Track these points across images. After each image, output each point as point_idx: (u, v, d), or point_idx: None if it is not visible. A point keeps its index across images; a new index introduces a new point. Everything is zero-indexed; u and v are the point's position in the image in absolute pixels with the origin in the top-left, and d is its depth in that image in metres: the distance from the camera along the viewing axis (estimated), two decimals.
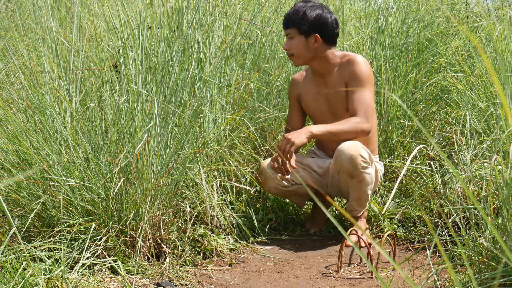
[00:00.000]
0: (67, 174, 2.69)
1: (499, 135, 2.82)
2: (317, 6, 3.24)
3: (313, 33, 3.22)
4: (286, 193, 3.35)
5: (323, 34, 3.23)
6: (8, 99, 2.87)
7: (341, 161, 3.12)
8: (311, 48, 3.24)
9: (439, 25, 4.11)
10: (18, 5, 4.11)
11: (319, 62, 3.29)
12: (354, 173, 3.12)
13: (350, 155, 3.09)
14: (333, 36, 3.26)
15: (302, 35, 3.22)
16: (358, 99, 3.17)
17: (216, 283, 2.75)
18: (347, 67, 3.23)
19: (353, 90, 3.18)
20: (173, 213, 2.95)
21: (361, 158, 3.10)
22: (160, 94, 2.87)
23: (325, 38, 3.24)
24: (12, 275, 2.22)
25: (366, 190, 3.18)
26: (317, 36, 3.22)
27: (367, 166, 3.13)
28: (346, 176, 3.15)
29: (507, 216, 2.23)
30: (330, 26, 3.23)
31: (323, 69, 3.30)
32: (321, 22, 3.21)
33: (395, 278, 2.78)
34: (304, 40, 3.23)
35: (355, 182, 3.15)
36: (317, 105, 3.36)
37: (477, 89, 3.51)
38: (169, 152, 2.87)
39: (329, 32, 3.24)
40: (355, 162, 3.09)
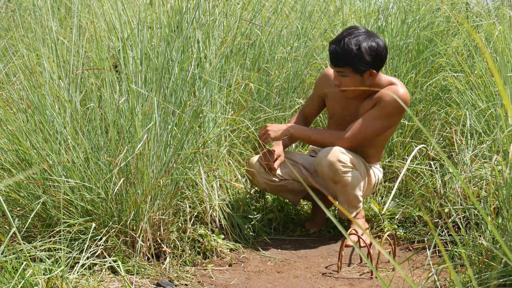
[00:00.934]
0: (67, 174, 2.69)
1: (499, 135, 2.82)
2: (365, 38, 3.04)
3: (370, 69, 3.07)
4: (277, 188, 3.33)
5: (378, 67, 3.10)
6: (8, 99, 2.87)
7: (321, 168, 3.13)
8: (366, 82, 3.11)
9: (439, 25, 4.11)
10: (18, 5, 4.11)
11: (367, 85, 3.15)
12: (336, 178, 3.13)
13: (329, 161, 3.09)
14: (384, 63, 3.13)
15: (357, 73, 3.07)
16: (364, 122, 3.14)
17: (216, 283, 2.75)
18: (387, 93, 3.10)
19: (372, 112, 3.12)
20: (173, 213, 2.95)
21: (340, 163, 3.09)
22: (160, 94, 2.87)
23: (379, 68, 3.12)
24: (12, 275, 2.22)
25: (353, 192, 3.17)
26: (373, 71, 3.07)
27: (348, 170, 3.12)
28: (329, 181, 3.16)
29: (507, 216, 2.23)
30: (384, 56, 3.08)
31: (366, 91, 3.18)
32: (376, 57, 3.05)
33: (395, 278, 2.78)
34: (360, 77, 3.08)
35: (340, 187, 3.15)
36: (343, 112, 3.28)
37: (477, 89, 3.51)
38: (169, 152, 2.87)
39: (383, 62, 3.11)
40: (335, 168, 3.09)
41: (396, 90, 3.12)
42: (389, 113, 3.12)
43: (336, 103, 3.31)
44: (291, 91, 3.77)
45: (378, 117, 3.13)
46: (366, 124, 3.14)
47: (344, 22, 4.24)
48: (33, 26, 3.07)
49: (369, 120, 3.14)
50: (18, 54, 2.98)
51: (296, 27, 4.00)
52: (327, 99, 3.36)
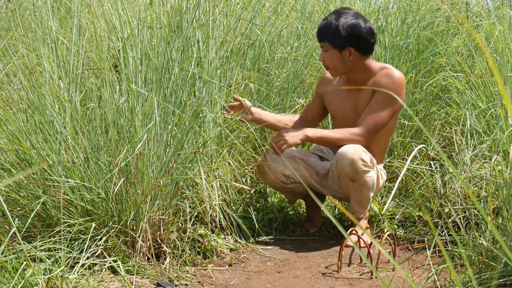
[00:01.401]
0: (67, 174, 2.69)
1: (499, 135, 2.82)
2: (350, 17, 3.12)
3: (347, 46, 3.13)
4: (283, 189, 3.35)
5: (358, 46, 3.14)
6: (8, 99, 2.87)
7: (342, 165, 3.11)
8: (347, 61, 3.16)
9: (439, 25, 4.11)
10: (18, 5, 4.11)
11: (356, 73, 3.21)
12: (356, 177, 3.11)
13: (351, 159, 3.07)
14: (368, 47, 3.16)
15: (336, 49, 3.14)
16: (371, 113, 3.15)
17: (216, 283, 2.75)
18: (381, 78, 3.16)
19: (374, 102, 3.15)
20: (173, 213, 2.95)
21: (362, 162, 3.08)
22: (160, 94, 2.87)
23: (360, 49, 3.15)
24: (12, 275, 2.22)
25: (367, 193, 3.17)
26: (351, 50, 3.13)
27: (369, 170, 3.12)
28: (347, 179, 3.14)
29: (507, 216, 2.23)
30: (364, 37, 3.12)
31: (359, 79, 3.22)
32: (355, 35, 3.11)
33: (395, 278, 2.78)
34: (339, 54, 3.14)
35: (356, 186, 3.14)
36: (343, 109, 3.30)
37: (477, 89, 3.51)
38: (169, 152, 2.87)
39: (363, 43, 3.14)
40: (356, 166, 3.08)
41: (390, 73, 3.16)
42: (391, 96, 3.13)
43: (335, 102, 3.33)
44: (291, 91, 3.77)
45: (382, 103, 3.15)
46: (375, 114, 3.15)
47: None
48: (33, 26, 3.07)
49: (376, 109, 3.15)
50: (18, 54, 2.98)
51: (296, 27, 4.00)
52: (326, 100, 3.37)
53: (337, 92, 3.31)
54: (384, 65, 3.22)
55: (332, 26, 3.12)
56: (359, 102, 3.24)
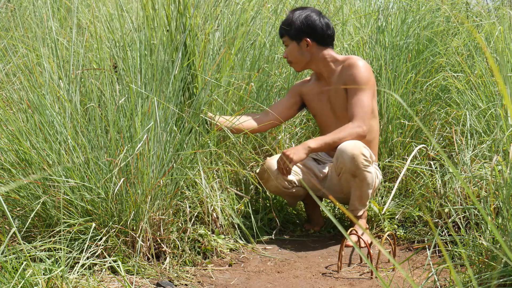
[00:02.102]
0: (67, 174, 2.69)
1: (499, 135, 2.82)
2: (305, 11, 3.31)
3: (304, 37, 3.30)
4: (285, 194, 3.37)
5: (314, 37, 3.30)
6: (8, 99, 2.87)
7: (343, 161, 3.12)
8: (306, 52, 3.32)
9: (439, 25, 4.11)
10: (18, 5, 4.11)
11: (318, 64, 3.36)
12: (357, 172, 3.13)
13: (352, 154, 3.10)
14: (324, 38, 3.32)
15: (294, 41, 3.31)
16: (355, 103, 3.22)
17: (216, 283, 2.75)
18: (347, 70, 3.27)
19: (352, 94, 3.22)
20: (173, 213, 2.95)
21: (363, 157, 3.11)
22: (160, 94, 2.87)
23: (317, 40, 3.31)
24: (12, 275, 2.22)
25: (367, 189, 3.19)
26: (307, 40, 3.30)
27: (369, 165, 3.15)
28: (348, 175, 3.15)
29: (507, 216, 2.23)
30: (319, 28, 3.29)
31: (323, 71, 3.37)
32: (309, 25, 3.29)
33: (395, 278, 2.78)
34: (297, 45, 3.31)
35: (357, 181, 3.16)
36: (320, 104, 3.41)
37: (477, 89, 3.51)
38: (169, 152, 2.87)
39: (319, 34, 3.30)
40: (357, 161, 3.10)
41: (353, 62, 3.26)
42: (364, 81, 3.22)
43: (312, 100, 3.44)
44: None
45: (358, 89, 3.24)
46: (358, 102, 3.21)
47: (344, 22, 4.24)
48: (33, 26, 3.07)
49: (356, 98, 3.22)
50: (18, 54, 2.98)
51: None
52: (306, 100, 3.48)
53: (311, 89, 3.44)
54: (347, 56, 3.34)
55: (288, 20, 3.32)
56: (331, 96, 3.36)
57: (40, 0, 3.24)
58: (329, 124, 3.38)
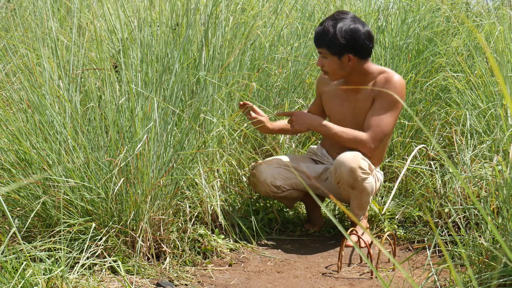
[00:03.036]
0: (67, 174, 2.69)
1: (499, 135, 2.82)
2: (347, 22, 3.08)
3: (346, 53, 3.09)
4: (276, 197, 3.36)
5: (356, 52, 3.11)
6: (8, 99, 2.87)
7: (341, 173, 3.10)
8: (346, 67, 3.13)
9: (439, 25, 4.11)
10: (18, 5, 4.11)
11: (355, 76, 3.18)
12: (355, 184, 3.11)
13: (350, 167, 3.06)
14: (367, 51, 3.13)
15: (335, 56, 3.10)
16: (376, 119, 3.13)
17: (216, 283, 2.75)
18: (382, 83, 3.13)
19: (378, 107, 3.13)
20: (173, 213, 2.95)
21: (361, 170, 3.08)
22: (160, 94, 2.87)
23: (359, 54, 3.12)
24: (12, 275, 2.22)
25: (367, 197, 3.18)
26: (350, 56, 3.10)
27: (367, 177, 3.12)
28: (346, 186, 3.13)
29: (507, 216, 2.23)
30: (362, 42, 3.09)
31: (357, 82, 3.20)
32: (353, 41, 3.07)
33: (395, 278, 2.78)
34: (338, 60, 3.11)
35: (356, 192, 3.14)
36: (341, 109, 3.28)
37: (477, 89, 3.51)
38: (169, 152, 2.87)
39: (362, 49, 3.11)
40: (356, 175, 3.07)
41: (390, 77, 3.14)
42: (395, 100, 3.11)
43: (332, 102, 3.32)
44: (291, 91, 3.77)
45: (387, 107, 3.13)
46: (381, 121, 3.12)
47: None
48: (33, 26, 3.07)
49: (381, 116, 3.13)
50: (18, 54, 2.98)
51: (296, 27, 4.00)
52: (324, 100, 3.37)
53: (335, 92, 3.30)
54: (383, 68, 3.19)
55: (329, 33, 3.07)
56: (357, 104, 3.22)
57: (40, 0, 3.24)
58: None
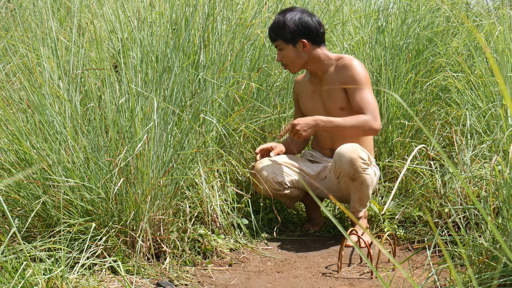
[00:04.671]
0: (67, 174, 2.69)
1: (499, 135, 2.82)
2: (295, 12, 3.26)
3: (299, 39, 3.25)
4: (278, 196, 3.37)
5: (309, 37, 3.26)
6: (8, 99, 2.87)
7: (341, 165, 3.13)
8: (302, 54, 3.28)
9: (439, 25, 4.11)
10: (18, 5, 4.11)
11: (313, 63, 3.33)
12: (355, 176, 3.13)
13: (350, 157, 3.10)
14: (319, 36, 3.29)
15: (290, 44, 3.26)
16: (361, 99, 3.21)
17: (216, 283, 2.75)
18: (343, 70, 3.26)
19: (355, 94, 3.22)
20: (173, 213, 2.95)
21: (361, 160, 3.12)
22: (160, 94, 2.87)
23: (312, 40, 3.27)
24: (12, 275, 2.22)
25: (367, 190, 3.19)
26: (304, 41, 3.25)
27: (367, 167, 3.15)
28: (347, 179, 3.16)
29: (507, 216, 2.23)
30: (313, 27, 3.25)
31: (317, 69, 3.35)
32: (303, 26, 3.24)
33: (395, 278, 2.78)
34: (293, 48, 3.27)
35: (357, 184, 3.16)
36: (313, 103, 3.40)
37: (477, 89, 3.51)
38: (169, 152, 2.87)
39: (314, 33, 3.26)
40: (356, 165, 3.11)
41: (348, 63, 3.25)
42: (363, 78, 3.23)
43: (305, 99, 3.43)
44: (292, 91, 3.77)
45: (360, 88, 3.23)
46: (364, 99, 3.21)
47: (344, 22, 4.24)
48: (33, 26, 3.07)
49: (361, 96, 3.21)
50: (18, 54, 2.98)
51: None
52: (300, 101, 3.48)
53: (305, 88, 3.42)
54: (339, 55, 3.33)
55: (280, 23, 3.24)
56: (324, 93, 3.34)
57: (40, 0, 3.24)
58: None
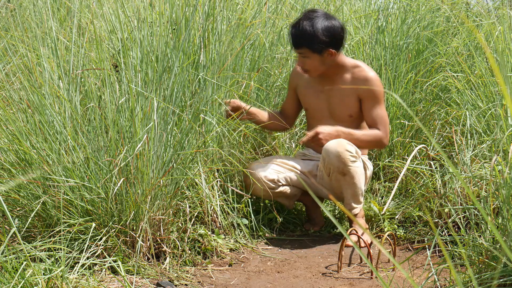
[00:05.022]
0: (67, 174, 2.69)
1: (499, 135, 2.82)
2: (321, 19, 3.18)
3: (327, 48, 3.20)
4: (274, 195, 3.36)
5: (336, 46, 3.23)
6: (8, 99, 2.87)
7: (330, 160, 3.16)
8: (327, 61, 3.25)
9: (439, 25, 4.11)
10: (18, 5, 4.11)
11: (332, 68, 3.31)
12: (345, 170, 3.16)
13: (337, 152, 3.14)
14: (342, 44, 3.28)
15: (316, 53, 3.20)
16: (377, 114, 3.27)
17: (216, 283, 2.75)
18: (362, 81, 3.26)
19: (371, 106, 3.26)
20: (173, 213, 2.95)
21: (349, 153, 3.15)
22: (160, 94, 2.87)
23: (338, 48, 3.25)
24: (12, 275, 2.22)
25: (359, 184, 3.22)
26: (331, 51, 3.21)
27: (355, 160, 3.18)
28: (337, 174, 3.19)
29: (507, 216, 2.23)
30: (340, 35, 3.22)
31: (334, 74, 3.33)
32: (332, 35, 3.19)
33: (395, 278, 2.78)
34: (319, 56, 3.21)
35: (348, 179, 3.19)
36: (318, 102, 3.39)
37: (477, 89, 3.51)
38: (169, 152, 2.87)
39: (340, 42, 3.24)
40: (344, 158, 3.14)
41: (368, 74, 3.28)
42: (380, 94, 3.29)
43: (308, 95, 3.42)
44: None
45: (378, 102, 3.29)
46: (380, 115, 3.28)
47: (344, 22, 4.24)
48: (33, 26, 3.07)
49: (378, 110, 3.28)
50: (18, 54, 2.98)
51: None
52: (299, 92, 3.45)
53: (309, 84, 3.40)
54: (356, 62, 3.32)
55: (307, 32, 3.17)
56: (333, 96, 3.34)
57: (40, 0, 3.24)
58: (319, 119, 3.38)
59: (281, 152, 3.73)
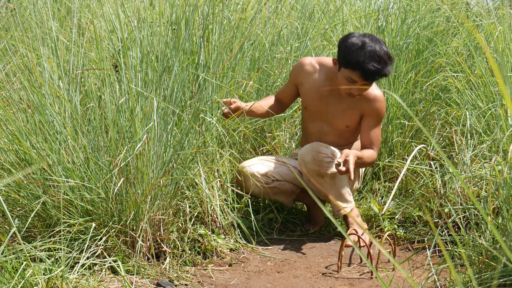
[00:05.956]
0: (67, 174, 2.69)
1: (499, 135, 2.82)
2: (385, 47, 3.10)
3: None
4: (270, 191, 3.34)
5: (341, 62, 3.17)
6: (8, 99, 2.87)
7: (306, 166, 3.18)
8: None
9: (439, 25, 4.11)
10: (18, 5, 4.11)
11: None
12: (322, 171, 3.16)
13: (311, 156, 3.15)
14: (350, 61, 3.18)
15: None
16: (375, 135, 3.29)
17: (216, 283, 2.75)
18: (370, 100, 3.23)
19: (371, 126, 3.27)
20: (173, 213, 2.95)
21: (323, 155, 3.15)
22: (160, 94, 2.87)
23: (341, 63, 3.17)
24: (12, 275, 2.22)
25: (343, 184, 3.20)
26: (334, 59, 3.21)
27: (331, 161, 3.16)
28: (316, 177, 3.18)
29: (507, 216, 2.23)
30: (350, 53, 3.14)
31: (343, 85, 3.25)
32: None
33: (395, 278, 2.78)
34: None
35: (328, 180, 3.18)
36: (319, 104, 3.34)
37: (477, 89, 3.51)
38: (169, 152, 2.87)
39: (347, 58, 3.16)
40: (319, 161, 3.14)
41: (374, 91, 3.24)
42: (382, 116, 3.32)
43: (312, 96, 3.35)
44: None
45: (378, 123, 3.30)
46: (377, 134, 3.30)
47: (344, 22, 4.24)
48: (33, 26, 3.07)
49: (375, 130, 3.30)
50: (18, 54, 2.98)
51: (296, 27, 4.00)
52: (302, 89, 3.38)
53: (315, 87, 3.33)
54: None
55: (387, 70, 3.10)
56: (335, 105, 3.30)
57: (40, 0, 3.25)
58: (316, 121, 3.36)
59: (281, 152, 3.73)
